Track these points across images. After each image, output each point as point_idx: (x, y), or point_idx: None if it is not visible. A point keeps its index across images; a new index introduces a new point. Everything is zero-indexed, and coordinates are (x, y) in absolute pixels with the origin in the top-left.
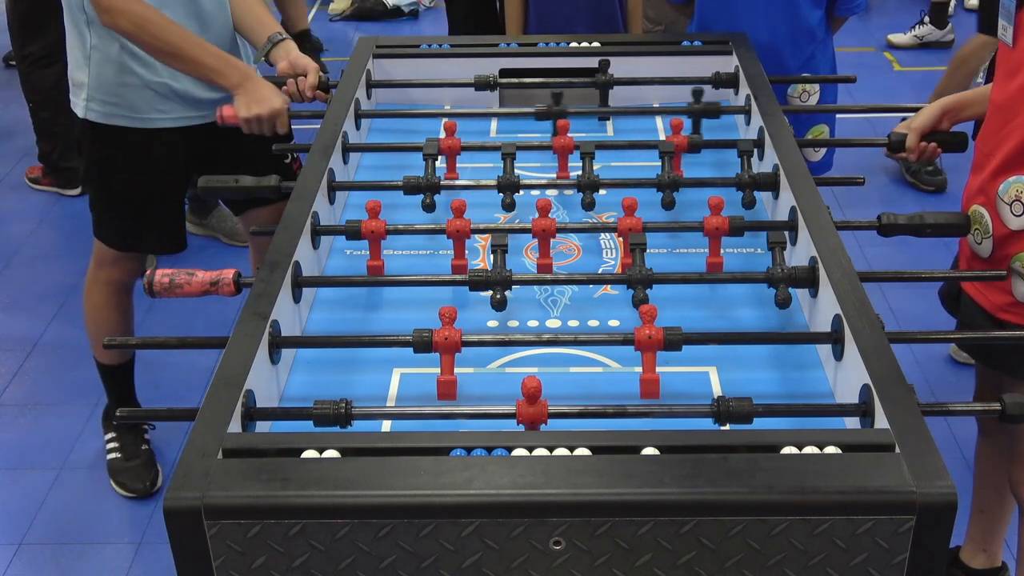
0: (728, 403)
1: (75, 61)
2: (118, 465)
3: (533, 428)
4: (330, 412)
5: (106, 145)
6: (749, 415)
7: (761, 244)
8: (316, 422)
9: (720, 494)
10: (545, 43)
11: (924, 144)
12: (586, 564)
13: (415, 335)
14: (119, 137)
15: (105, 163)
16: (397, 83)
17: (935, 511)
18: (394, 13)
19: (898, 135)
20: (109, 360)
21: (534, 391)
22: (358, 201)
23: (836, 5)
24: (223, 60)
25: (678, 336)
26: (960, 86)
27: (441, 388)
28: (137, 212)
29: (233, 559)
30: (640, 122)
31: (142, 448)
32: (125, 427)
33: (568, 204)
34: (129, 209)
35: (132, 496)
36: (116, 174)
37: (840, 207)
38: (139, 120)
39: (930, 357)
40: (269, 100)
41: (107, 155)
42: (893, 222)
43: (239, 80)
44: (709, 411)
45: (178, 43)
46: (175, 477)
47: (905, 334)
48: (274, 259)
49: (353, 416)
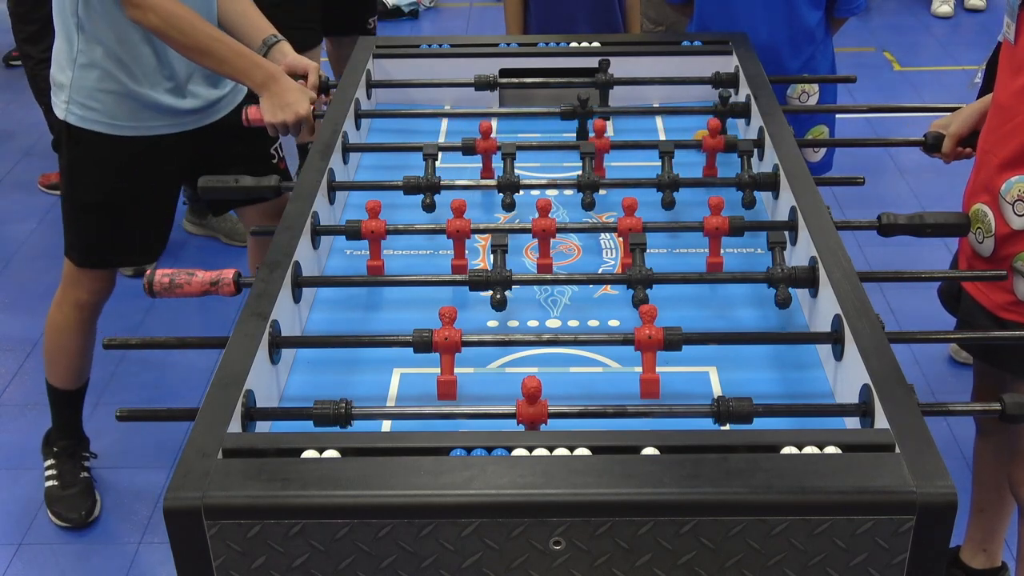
0: (728, 403)
1: (59, 63)
2: (54, 493)
3: (533, 428)
4: (330, 412)
5: (81, 148)
6: (749, 415)
7: (761, 244)
8: (316, 422)
9: (720, 494)
10: (545, 43)
11: (960, 149)
12: (586, 564)
13: (415, 335)
14: (95, 142)
15: (77, 167)
16: (397, 83)
17: (935, 511)
18: (394, 13)
19: (935, 135)
20: (63, 384)
21: (534, 391)
22: (358, 201)
23: (835, 6)
24: (249, 59)
25: (678, 336)
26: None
27: (441, 388)
28: (104, 223)
29: (233, 559)
30: (640, 122)
31: (80, 476)
32: (64, 454)
33: (568, 204)
34: (95, 220)
35: (66, 526)
36: (87, 179)
37: (840, 207)
38: (116, 127)
39: (930, 357)
40: (294, 105)
41: (80, 158)
42: (893, 222)
43: (263, 79)
44: (709, 411)
45: (206, 41)
46: (175, 477)
47: (905, 334)
48: (274, 259)
49: (353, 416)
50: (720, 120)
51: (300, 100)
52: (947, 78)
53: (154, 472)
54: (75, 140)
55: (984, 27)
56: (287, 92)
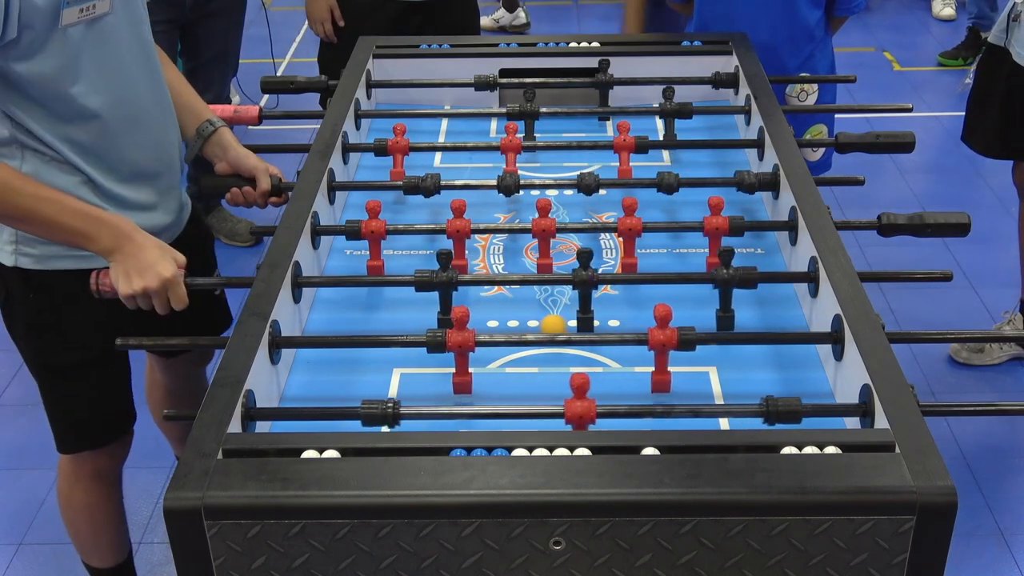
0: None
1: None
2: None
3: (581, 428)
4: (378, 412)
5: (45, 297)
6: (797, 414)
7: (761, 244)
8: (364, 422)
9: (720, 494)
10: (545, 43)
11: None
12: (586, 564)
13: (428, 335)
14: (61, 284)
15: (43, 323)
16: (397, 83)
17: (935, 511)
18: None
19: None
20: (110, 560)
21: (582, 386)
22: (358, 201)
23: (835, 5)
24: (90, 219)
25: (692, 336)
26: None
27: (457, 387)
28: (96, 384)
29: (233, 559)
30: (640, 122)
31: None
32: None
33: (568, 204)
34: (84, 386)
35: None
36: (59, 335)
37: (840, 207)
38: (85, 257)
39: (930, 357)
40: (155, 267)
41: (45, 310)
42: (893, 222)
43: (112, 244)
44: (757, 411)
45: (30, 205)
46: (175, 477)
47: (905, 334)
48: (274, 259)
49: (401, 416)
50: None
51: (162, 260)
52: (947, 78)
53: (154, 472)
54: (35, 288)
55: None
56: (144, 251)
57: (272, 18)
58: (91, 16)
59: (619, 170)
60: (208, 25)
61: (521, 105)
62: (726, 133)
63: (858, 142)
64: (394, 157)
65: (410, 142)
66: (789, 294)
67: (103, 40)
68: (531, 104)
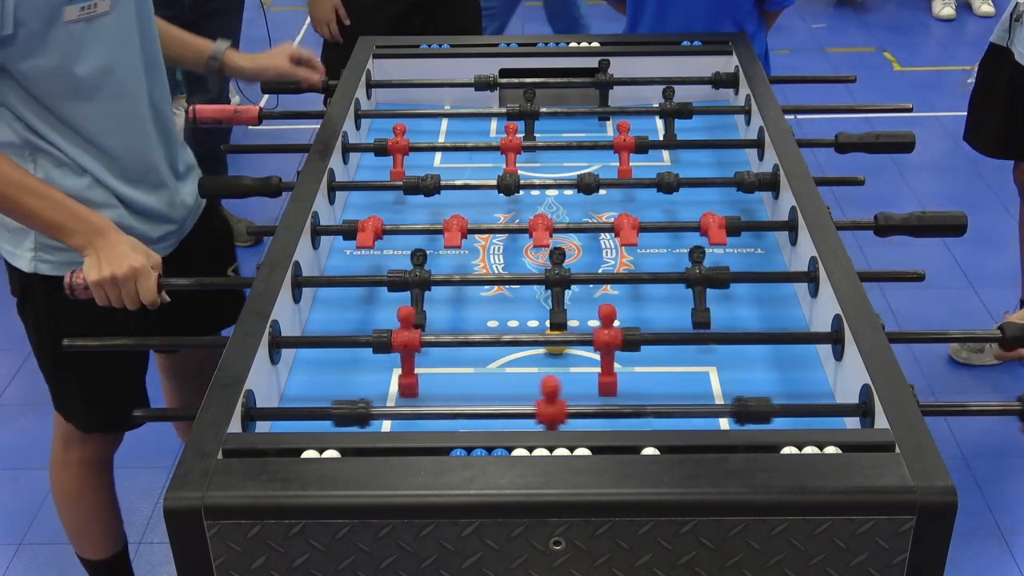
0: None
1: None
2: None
3: (552, 428)
4: (348, 412)
5: (63, 297)
6: (766, 415)
7: (761, 244)
8: (337, 422)
9: (720, 494)
10: (545, 43)
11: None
12: (586, 564)
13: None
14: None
15: (60, 320)
16: (397, 83)
17: (935, 511)
18: None
19: (1015, 327)
20: (102, 553)
21: (552, 391)
22: (358, 201)
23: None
24: (69, 213)
25: (637, 337)
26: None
27: (404, 389)
28: (107, 372)
29: (233, 559)
30: (640, 122)
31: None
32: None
33: (568, 204)
34: (97, 374)
35: None
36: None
37: (840, 207)
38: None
39: (930, 357)
40: (126, 257)
41: (63, 308)
42: (889, 222)
43: (86, 239)
44: (730, 411)
45: (14, 194)
46: (175, 477)
47: (905, 334)
48: (274, 259)
49: (372, 416)
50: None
51: (133, 252)
52: (947, 78)
53: (154, 472)
54: (52, 294)
55: (986, 27)
56: (118, 245)
57: (272, 18)
58: (91, 15)
59: (619, 170)
60: (208, 25)
61: (521, 105)
62: (726, 133)
63: (858, 142)
64: (394, 157)
65: (410, 142)
66: (789, 294)
67: (103, 38)
68: (531, 104)
